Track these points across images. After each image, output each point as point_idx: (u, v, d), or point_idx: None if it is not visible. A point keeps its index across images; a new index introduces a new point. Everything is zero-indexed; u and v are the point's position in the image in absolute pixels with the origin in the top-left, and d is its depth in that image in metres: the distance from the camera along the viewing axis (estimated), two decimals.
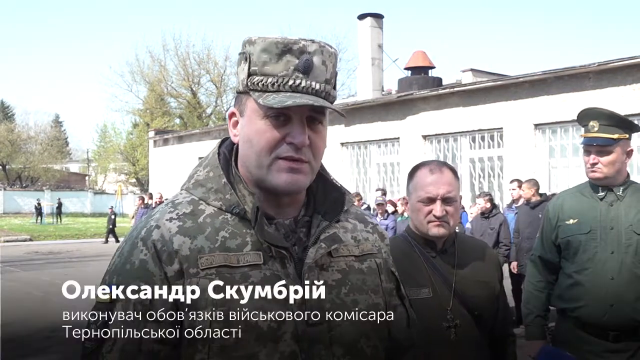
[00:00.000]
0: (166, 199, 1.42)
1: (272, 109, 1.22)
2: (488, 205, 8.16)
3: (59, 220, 32.95)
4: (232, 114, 1.34)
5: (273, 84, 1.23)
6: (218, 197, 1.29)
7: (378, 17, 17.32)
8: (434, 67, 17.11)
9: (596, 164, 2.70)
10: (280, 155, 1.24)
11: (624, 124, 2.71)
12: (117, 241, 21.22)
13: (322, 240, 1.29)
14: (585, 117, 2.76)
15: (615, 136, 2.66)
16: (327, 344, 1.24)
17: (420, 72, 16.78)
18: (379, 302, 1.34)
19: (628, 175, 2.77)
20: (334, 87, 1.30)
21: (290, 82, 1.23)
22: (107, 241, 21.41)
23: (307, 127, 1.25)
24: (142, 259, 1.22)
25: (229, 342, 1.18)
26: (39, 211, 32.97)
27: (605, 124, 2.68)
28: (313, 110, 1.25)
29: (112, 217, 21.96)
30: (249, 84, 1.26)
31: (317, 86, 1.25)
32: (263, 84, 1.24)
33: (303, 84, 1.24)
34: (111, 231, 21.73)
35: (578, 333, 2.67)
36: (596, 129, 2.69)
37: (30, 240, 23.55)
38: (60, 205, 33.97)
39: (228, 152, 1.38)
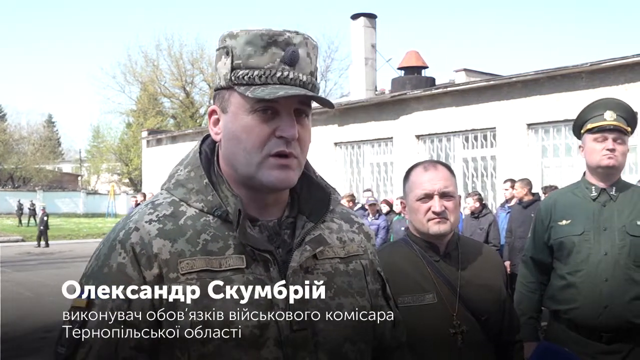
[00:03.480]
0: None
1: (262, 101, 1.18)
2: (477, 205, 8.11)
3: (34, 221, 32.26)
4: (213, 112, 1.29)
5: (260, 77, 1.19)
6: (199, 198, 1.25)
7: (371, 17, 17.28)
8: (427, 67, 17.08)
9: (614, 150, 2.61)
10: (272, 152, 1.20)
11: (633, 121, 2.68)
12: (47, 245, 20.64)
13: (307, 243, 1.26)
14: (600, 106, 2.68)
15: (628, 129, 2.64)
16: (312, 349, 1.20)
17: (413, 72, 16.75)
18: (365, 304, 1.31)
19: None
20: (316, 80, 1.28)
21: (278, 74, 1.20)
22: (39, 244, 20.81)
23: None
24: (120, 263, 1.18)
25: (208, 349, 1.14)
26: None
27: (622, 115, 2.64)
28: (300, 103, 1.22)
29: (45, 218, 21.27)
30: (232, 78, 1.21)
31: (304, 78, 1.22)
32: (249, 77, 1.20)
33: (291, 75, 1.20)
34: (43, 233, 21.02)
35: (571, 334, 2.64)
36: (614, 117, 2.62)
37: (23, 240, 23.47)
38: (33, 207, 33.10)
39: (210, 151, 1.33)
